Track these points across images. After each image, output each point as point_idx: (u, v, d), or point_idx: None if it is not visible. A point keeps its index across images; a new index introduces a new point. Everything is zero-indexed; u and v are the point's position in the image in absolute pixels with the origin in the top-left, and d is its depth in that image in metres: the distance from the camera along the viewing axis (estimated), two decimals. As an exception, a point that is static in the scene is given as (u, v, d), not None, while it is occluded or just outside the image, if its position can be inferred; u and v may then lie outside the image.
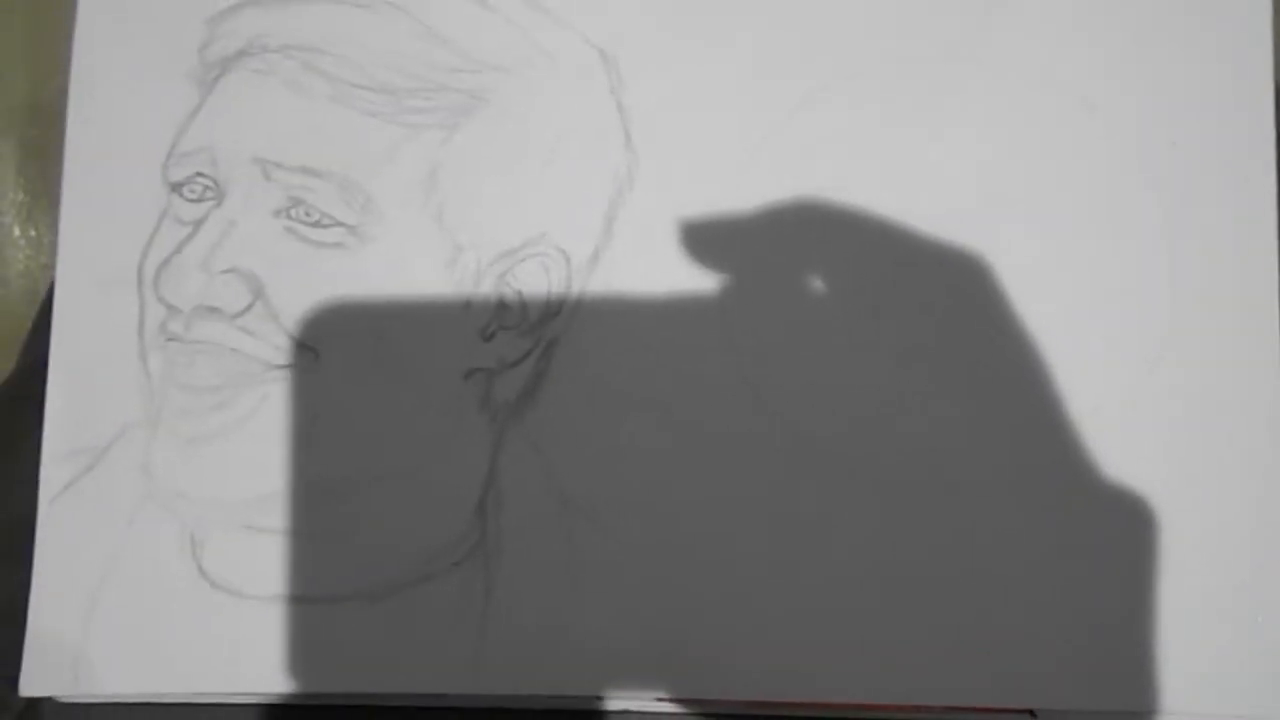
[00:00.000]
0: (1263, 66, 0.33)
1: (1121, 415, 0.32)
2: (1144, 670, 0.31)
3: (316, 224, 0.33)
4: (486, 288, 0.32)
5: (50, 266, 0.37)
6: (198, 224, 0.33)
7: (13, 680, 0.32)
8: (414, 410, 0.32)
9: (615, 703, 0.32)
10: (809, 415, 0.32)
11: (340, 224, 0.32)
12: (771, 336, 0.32)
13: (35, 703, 0.33)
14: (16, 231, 0.41)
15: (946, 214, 0.32)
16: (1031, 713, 0.31)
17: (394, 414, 0.32)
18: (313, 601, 0.32)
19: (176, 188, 0.33)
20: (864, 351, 0.32)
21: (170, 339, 0.33)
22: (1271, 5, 0.33)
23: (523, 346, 0.32)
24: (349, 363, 0.32)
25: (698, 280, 0.32)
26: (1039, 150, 0.33)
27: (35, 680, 0.32)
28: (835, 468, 0.32)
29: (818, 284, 0.32)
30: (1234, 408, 0.32)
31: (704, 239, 0.32)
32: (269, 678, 0.31)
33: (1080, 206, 0.32)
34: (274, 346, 0.32)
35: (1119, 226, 0.32)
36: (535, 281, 0.32)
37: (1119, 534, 0.31)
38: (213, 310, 0.32)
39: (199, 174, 0.33)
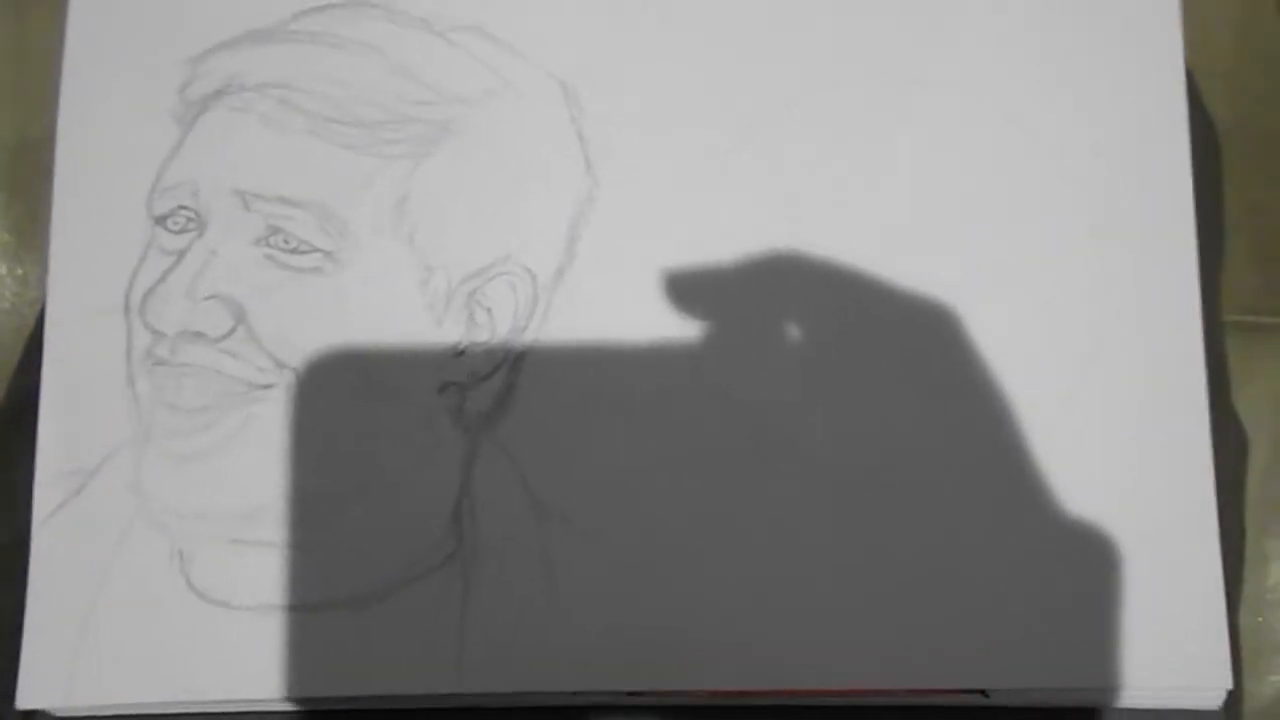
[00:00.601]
0: (1174, 71, 0.34)
1: (1057, 415, 0.33)
2: (1089, 649, 0.32)
3: (295, 251, 0.34)
4: (457, 306, 0.34)
5: (37, 304, 0.38)
6: (181, 254, 0.34)
7: (9, 694, 0.33)
8: (391, 424, 0.34)
9: (593, 698, 0.33)
10: (770, 418, 0.33)
11: (318, 250, 0.34)
12: (732, 343, 0.34)
13: (31, 715, 0.33)
14: (4, 270, 0.42)
15: (890, 229, 0.34)
16: (983, 692, 0.33)
17: (372, 428, 0.33)
18: (299, 610, 0.33)
19: (160, 220, 0.34)
20: (826, 358, 0.34)
21: (157, 363, 0.34)
22: (1180, 11, 0.35)
23: (493, 361, 0.34)
24: (328, 381, 0.34)
25: (657, 293, 0.34)
26: (969, 165, 0.34)
27: (31, 693, 0.33)
28: (795, 468, 0.33)
29: (778, 295, 0.34)
30: (1162, 402, 0.33)
31: (663, 256, 0.34)
32: (259, 685, 0.32)
33: (1009, 217, 0.34)
34: (257, 368, 0.33)
35: (1047, 236, 0.34)
36: (503, 299, 0.34)
37: (1064, 522, 0.33)
38: (197, 335, 0.33)
39: (181, 207, 0.34)
